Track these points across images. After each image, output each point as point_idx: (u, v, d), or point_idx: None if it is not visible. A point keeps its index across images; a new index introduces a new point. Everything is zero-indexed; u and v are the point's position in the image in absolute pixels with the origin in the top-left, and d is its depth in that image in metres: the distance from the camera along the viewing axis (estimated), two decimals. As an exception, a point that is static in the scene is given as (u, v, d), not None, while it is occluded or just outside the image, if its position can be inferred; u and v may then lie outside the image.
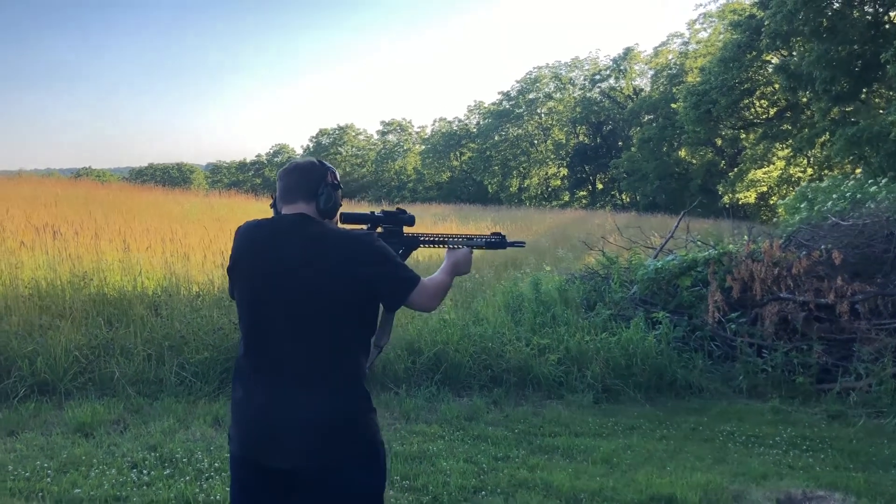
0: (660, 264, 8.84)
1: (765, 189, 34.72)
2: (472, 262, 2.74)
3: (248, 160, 67.07)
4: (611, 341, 7.44)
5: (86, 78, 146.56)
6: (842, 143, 17.56)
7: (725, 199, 34.34)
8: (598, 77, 53.00)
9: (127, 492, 4.39)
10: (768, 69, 28.33)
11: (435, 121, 76.22)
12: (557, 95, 55.11)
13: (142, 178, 59.90)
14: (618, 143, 51.27)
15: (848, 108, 20.05)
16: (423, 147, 62.15)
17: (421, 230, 2.87)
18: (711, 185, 37.25)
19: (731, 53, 28.74)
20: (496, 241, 2.89)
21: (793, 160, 31.53)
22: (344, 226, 2.57)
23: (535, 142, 56.28)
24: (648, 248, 11.67)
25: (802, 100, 24.30)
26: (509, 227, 21.63)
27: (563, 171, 55.87)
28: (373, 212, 2.74)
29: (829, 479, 4.88)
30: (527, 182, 56.32)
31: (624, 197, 48.00)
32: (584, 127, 54.47)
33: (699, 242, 10.46)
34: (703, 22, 42.34)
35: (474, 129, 58.08)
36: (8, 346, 6.45)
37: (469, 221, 23.02)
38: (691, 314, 8.27)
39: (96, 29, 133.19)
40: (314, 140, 65.26)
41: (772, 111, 32.29)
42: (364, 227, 2.69)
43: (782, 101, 30.17)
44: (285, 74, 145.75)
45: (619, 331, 7.65)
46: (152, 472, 4.68)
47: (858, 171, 19.12)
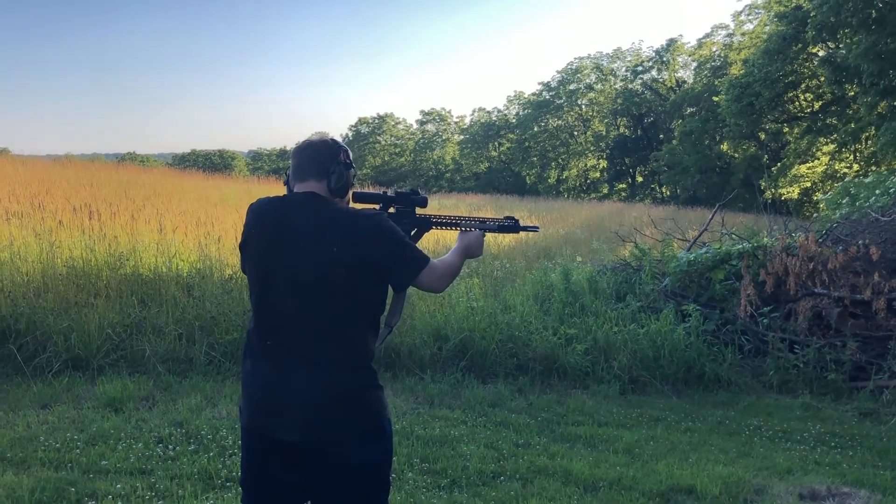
0: (692, 257, 8.73)
1: (808, 184, 34.04)
2: (500, 252, 2.73)
3: (289, 148, 67.68)
4: (639, 333, 7.39)
5: (133, 65, 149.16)
6: (888, 138, 17.19)
7: (768, 195, 33.76)
8: (640, 68, 52.42)
9: (152, 465, 4.49)
10: (814, 62, 27.77)
11: (474, 111, 76.13)
12: (598, 87, 54.62)
13: (184, 163, 60.85)
14: (659, 135, 50.68)
15: (896, 102, 19.58)
16: (461, 137, 62.12)
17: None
18: (754, 179, 36.65)
19: (776, 45, 28.23)
20: (509, 225, 2.84)
21: (837, 155, 30.87)
22: (355, 205, 2.58)
23: (575, 133, 55.90)
24: (683, 240, 11.54)
25: (849, 93, 23.77)
26: (545, 217, 21.52)
27: (603, 164, 55.44)
28: (385, 192, 2.74)
29: (855, 476, 4.79)
30: (565, 174, 55.99)
31: (664, 190, 47.49)
32: (624, 119, 53.96)
33: (734, 236, 10.30)
34: (749, 13, 41.56)
35: (513, 120, 57.88)
36: (44, 322, 6.62)
37: (504, 212, 22.93)
38: (723, 308, 8.17)
39: (147, 17, 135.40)
40: (353, 129, 65.68)
41: (816, 105, 31.65)
42: (376, 206, 2.69)
43: (828, 94, 29.54)
44: (328, 64, 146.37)
45: (648, 322, 7.59)
46: (177, 448, 4.77)
47: (905, 166, 18.66)
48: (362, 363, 2.35)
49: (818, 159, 33.08)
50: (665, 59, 50.66)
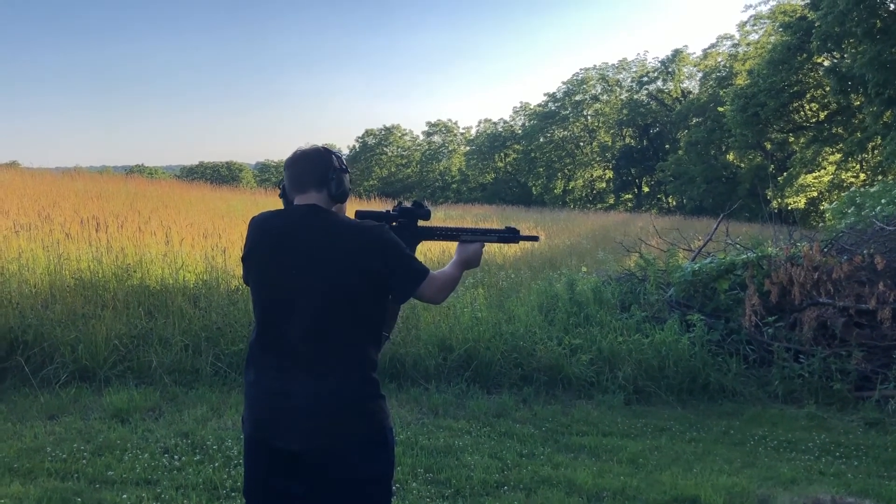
0: (697, 267, 8.73)
1: (815, 194, 33.99)
2: (504, 262, 2.76)
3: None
4: (644, 343, 7.39)
5: (142, 78, 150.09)
6: (894, 147, 17.14)
7: (774, 204, 33.69)
8: (645, 79, 52.52)
9: (158, 475, 4.52)
10: (819, 72, 27.75)
11: (480, 122, 76.33)
12: (604, 97, 54.76)
13: (192, 175, 61.07)
14: (664, 145, 50.72)
15: (901, 112, 19.56)
16: (467, 148, 62.24)
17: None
18: (760, 189, 36.60)
19: (781, 55, 28.27)
20: (508, 236, 2.86)
21: (844, 165, 30.82)
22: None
23: (581, 144, 55.97)
24: (688, 250, 11.53)
25: (854, 103, 23.76)
26: (550, 228, 21.53)
27: (609, 174, 55.46)
28: (388, 210, 2.74)
29: (860, 486, 4.79)
30: (571, 184, 56.02)
31: (670, 200, 47.48)
32: (630, 129, 54.00)
33: (738, 245, 10.30)
34: (754, 24, 41.69)
35: (519, 131, 58.01)
36: (52, 333, 6.66)
37: (510, 223, 22.88)
38: (728, 318, 8.16)
39: (156, 31, 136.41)
40: (360, 140, 65.83)
41: (822, 114, 31.63)
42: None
43: (833, 104, 29.51)
44: (335, 77, 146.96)
45: (653, 333, 7.59)
46: (183, 458, 4.80)
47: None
48: (364, 373, 2.38)
49: (824, 169, 33.05)
50: (670, 69, 50.74)
